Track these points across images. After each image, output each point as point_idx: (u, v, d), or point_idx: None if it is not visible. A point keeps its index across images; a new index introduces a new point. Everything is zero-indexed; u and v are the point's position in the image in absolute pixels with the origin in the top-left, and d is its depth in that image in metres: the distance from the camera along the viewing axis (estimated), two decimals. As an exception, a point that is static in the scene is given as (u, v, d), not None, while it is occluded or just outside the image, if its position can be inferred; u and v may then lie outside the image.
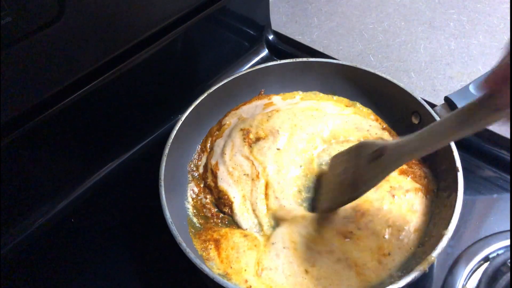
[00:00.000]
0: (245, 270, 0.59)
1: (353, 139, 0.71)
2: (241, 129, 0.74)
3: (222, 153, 0.72)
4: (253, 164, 0.69)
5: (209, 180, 0.70)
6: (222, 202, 0.67)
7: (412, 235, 0.59)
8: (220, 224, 0.66)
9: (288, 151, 0.70)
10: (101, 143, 0.75)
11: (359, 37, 1.02)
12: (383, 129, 0.73)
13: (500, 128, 0.76)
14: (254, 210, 0.66)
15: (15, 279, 0.65)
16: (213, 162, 0.71)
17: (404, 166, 0.69)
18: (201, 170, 0.73)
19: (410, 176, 0.66)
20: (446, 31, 1.02)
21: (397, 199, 0.62)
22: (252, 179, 0.68)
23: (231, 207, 0.66)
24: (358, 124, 0.73)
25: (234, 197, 0.66)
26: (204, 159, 0.74)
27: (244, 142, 0.72)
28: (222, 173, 0.69)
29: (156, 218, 0.57)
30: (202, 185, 0.71)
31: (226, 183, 0.68)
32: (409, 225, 0.60)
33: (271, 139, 0.71)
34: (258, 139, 0.72)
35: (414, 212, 0.62)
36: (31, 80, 0.57)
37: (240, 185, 0.68)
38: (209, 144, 0.75)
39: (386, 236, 0.59)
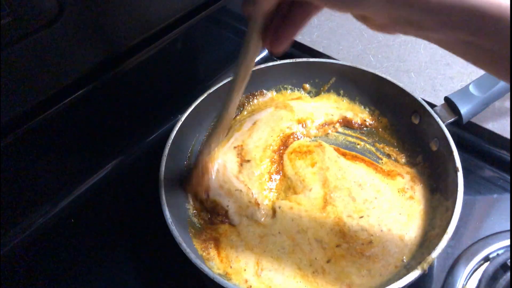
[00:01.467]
0: (245, 270, 0.59)
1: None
2: (235, 147, 0.73)
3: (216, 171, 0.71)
4: (245, 185, 0.68)
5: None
6: (216, 211, 0.66)
7: (408, 246, 0.59)
8: (220, 223, 0.65)
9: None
10: (101, 143, 0.75)
11: (359, 37, 1.02)
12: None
13: (500, 128, 0.76)
14: (252, 216, 0.65)
15: (15, 279, 0.65)
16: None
17: (400, 169, 0.69)
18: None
19: (406, 179, 0.67)
20: (446, 31, 1.02)
21: (398, 214, 0.63)
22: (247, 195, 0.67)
23: (226, 215, 0.65)
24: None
25: (227, 206, 0.65)
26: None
27: (237, 157, 0.71)
28: (214, 189, 0.67)
29: (156, 218, 0.57)
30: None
31: (217, 195, 0.66)
32: (404, 239, 0.60)
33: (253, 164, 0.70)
34: (248, 160, 0.70)
35: (412, 221, 0.62)
36: (31, 80, 0.57)
37: (232, 197, 0.66)
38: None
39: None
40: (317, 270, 0.58)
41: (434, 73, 0.91)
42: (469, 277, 0.59)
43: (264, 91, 0.81)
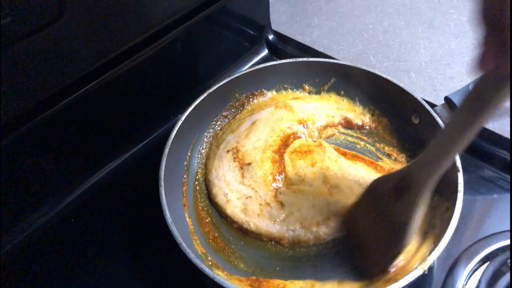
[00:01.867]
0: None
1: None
2: (228, 151, 0.72)
3: (218, 176, 0.70)
4: (253, 188, 0.67)
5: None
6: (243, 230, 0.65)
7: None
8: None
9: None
10: (101, 143, 0.75)
11: (359, 37, 1.02)
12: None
13: (500, 128, 0.76)
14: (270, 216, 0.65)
15: (15, 279, 0.65)
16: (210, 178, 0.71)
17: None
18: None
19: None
20: (446, 31, 1.02)
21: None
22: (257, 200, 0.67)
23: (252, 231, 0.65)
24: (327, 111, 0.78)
25: (247, 222, 0.65)
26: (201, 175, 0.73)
27: (235, 162, 0.71)
28: (226, 203, 0.67)
29: (156, 218, 0.57)
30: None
31: (234, 212, 0.66)
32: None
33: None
34: (249, 163, 0.70)
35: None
36: (31, 80, 0.57)
37: (246, 208, 0.65)
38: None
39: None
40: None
41: (434, 73, 0.91)
42: (469, 277, 0.59)
43: (264, 90, 0.81)
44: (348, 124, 0.77)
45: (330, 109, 0.79)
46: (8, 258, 0.67)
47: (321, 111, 0.78)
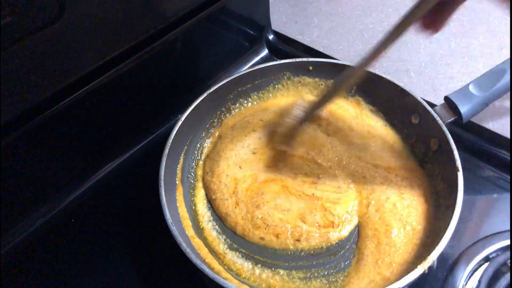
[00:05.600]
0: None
1: None
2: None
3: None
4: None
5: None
6: None
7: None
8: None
9: None
10: (101, 143, 0.75)
11: (359, 37, 1.02)
12: None
13: (500, 127, 0.76)
14: None
15: (15, 279, 0.65)
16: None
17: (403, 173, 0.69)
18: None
19: (407, 189, 0.66)
20: (446, 31, 1.02)
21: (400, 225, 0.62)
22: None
23: None
24: None
25: None
26: None
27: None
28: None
29: (156, 218, 0.57)
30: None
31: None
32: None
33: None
34: None
35: (411, 221, 0.62)
36: (31, 80, 0.57)
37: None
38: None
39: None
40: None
41: (434, 73, 0.91)
42: (469, 277, 0.59)
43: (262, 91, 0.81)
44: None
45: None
46: (8, 258, 0.67)
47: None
